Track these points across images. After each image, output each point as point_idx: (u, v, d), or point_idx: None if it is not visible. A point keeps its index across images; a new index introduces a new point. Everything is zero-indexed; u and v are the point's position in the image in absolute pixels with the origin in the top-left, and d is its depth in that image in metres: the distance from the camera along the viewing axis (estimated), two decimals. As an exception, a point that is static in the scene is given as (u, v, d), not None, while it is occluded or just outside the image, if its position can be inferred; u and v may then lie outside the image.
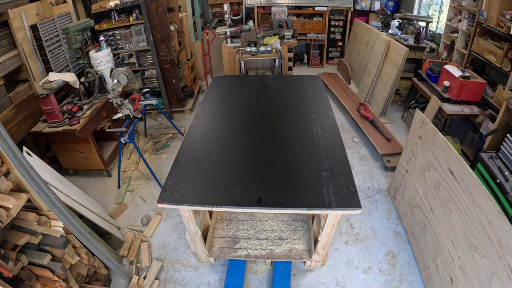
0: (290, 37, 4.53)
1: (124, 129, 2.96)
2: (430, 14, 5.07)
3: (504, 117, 2.61)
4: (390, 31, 4.95)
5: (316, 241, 2.22)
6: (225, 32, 4.54)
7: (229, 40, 4.58)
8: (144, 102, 3.41)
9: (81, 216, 2.39)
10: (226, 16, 4.55)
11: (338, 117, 4.42)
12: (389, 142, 3.66)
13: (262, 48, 4.19)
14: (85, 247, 2.06)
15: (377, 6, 5.71)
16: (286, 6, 5.67)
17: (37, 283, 1.75)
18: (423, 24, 4.65)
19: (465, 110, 3.34)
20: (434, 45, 4.36)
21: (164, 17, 3.89)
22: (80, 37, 3.36)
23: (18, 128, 2.95)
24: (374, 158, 3.65)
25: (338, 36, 6.21)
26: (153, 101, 3.46)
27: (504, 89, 2.93)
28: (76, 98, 3.21)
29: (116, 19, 4.03)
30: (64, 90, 3.28)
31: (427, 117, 2.55)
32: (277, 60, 4.23)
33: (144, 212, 3.01)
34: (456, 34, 3.89)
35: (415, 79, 4.19)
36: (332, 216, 1.90)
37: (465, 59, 3.66)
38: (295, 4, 5.95)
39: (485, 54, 3.24)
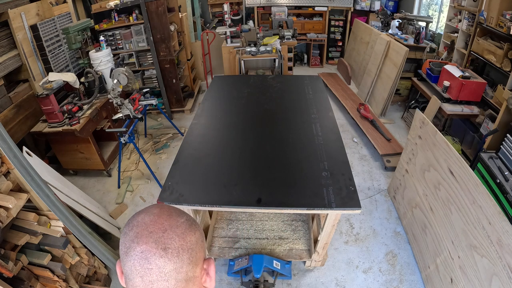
0: (290, 37, 4.53)
1: (124, 129, 2.96)
2: (430, 14, 5.08)
3: (504, 117, 2.62)
4: (390, 31, 4.95)
5: (316, 241, 2.22)
6: (225, 32, 4.54)
7: (229, 40, 4.58)
8: (144, 102, 3.41)
9: (81, 216, 2.39)
10: (226, 16, 4.55)
11: (338, 117, 4.42)
12: (389, 142, 3.66)
13: (262, 48, 4.19)
14: (85, 247, 2.05)
15: (377, 6, 5.71)
16: (286, 6, 5.67)
17: (37, 283, 1.75)
18: (423, 24, 4.65)
19: (465, 110, 3.34)
20: (434, 45, 4.37)
21: (164, 17, 3.89)
22: (80, 37, 3.36)
23: (18, 128, 2.95)
24: (374, 158, 3.65)
25: (338, 36, 6.21)
26: (153, 101, 3.46)
27: (504, 89, 2.93)
28: (76, 98, 3.21)
29: (116, 19, 4.03)
30: (64, 90, 3.28)
31: (427, 117, 2.55)
32: (277, 60, 4.23)
33: (144, 212, 3.01)
34: (456, 34, 3.89)
35: (415, 79, 4.19)
36: (332, 216, 1.90)
37: (465, 59, 3.66)
38: (295, 4, 5.95)
39: (485, 54, 3.24)
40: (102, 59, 3.46)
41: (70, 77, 3.13)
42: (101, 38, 3.54)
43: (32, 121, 3.09)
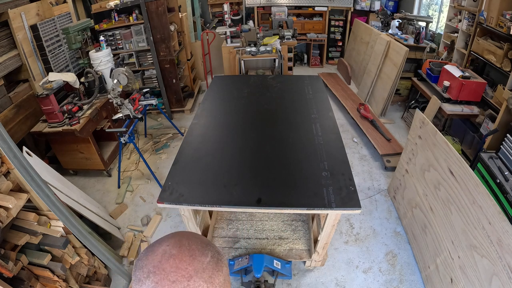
0: (290, 37, 4.53)
1: (124, 129, 2.96)
2: (430, 14, 5.07)
3: (504, 117, 2.62)
4: (390, 31, 4.95)
5: (316, 241, 2.22)
6: (225, 32, 4.54)
7: (229, 40, 4.58)
8: (144, 102, 3.41)
9: (81, 216, 2.39)
10: (226, 16, 4.55)
11: (338, 117, 4.42)
12: (389, 142, 3.66)
13: (262, 48, 4.19)
14: (85, 247, 2.05)
15: (377, 6, 5.72)
16: (286, 6, 5.67)
17: (37, 283, 1.75)
18: (423, 24, 4.65)
19: (465, 110, 3.34)
20: (434, 45, 4.36)
21: (164, 17, 3.89)
22: (80, 37, 3.36)
23: (18, 128, 2.95)
24: (374, 158, 3.65)
25: (338, 36, 6.21)
26: (153, 101, 3.46)
27: (504, 89, 2.93)
28: (76, 98, 3.21)
29: (116, 19, 4.03)
30: (64, 90, 3.28)
31: (427, 117, 2.55)
32: (277, 60, 4.23)
33: (144, 212, 3.01)
34: (456, 34, 3.89)
35: (415, 79, 4.19)
36: (332, 216, 1.90)
37: (465, 59, 3.66)
38: (295, 4, 5.95)
39: (485, 54, 3.24)
40: (102, 59, 3.45)
41: (70, 77, 3.13)
42: (101, 38, 3.54)
43: (32, 121, 3.09)
